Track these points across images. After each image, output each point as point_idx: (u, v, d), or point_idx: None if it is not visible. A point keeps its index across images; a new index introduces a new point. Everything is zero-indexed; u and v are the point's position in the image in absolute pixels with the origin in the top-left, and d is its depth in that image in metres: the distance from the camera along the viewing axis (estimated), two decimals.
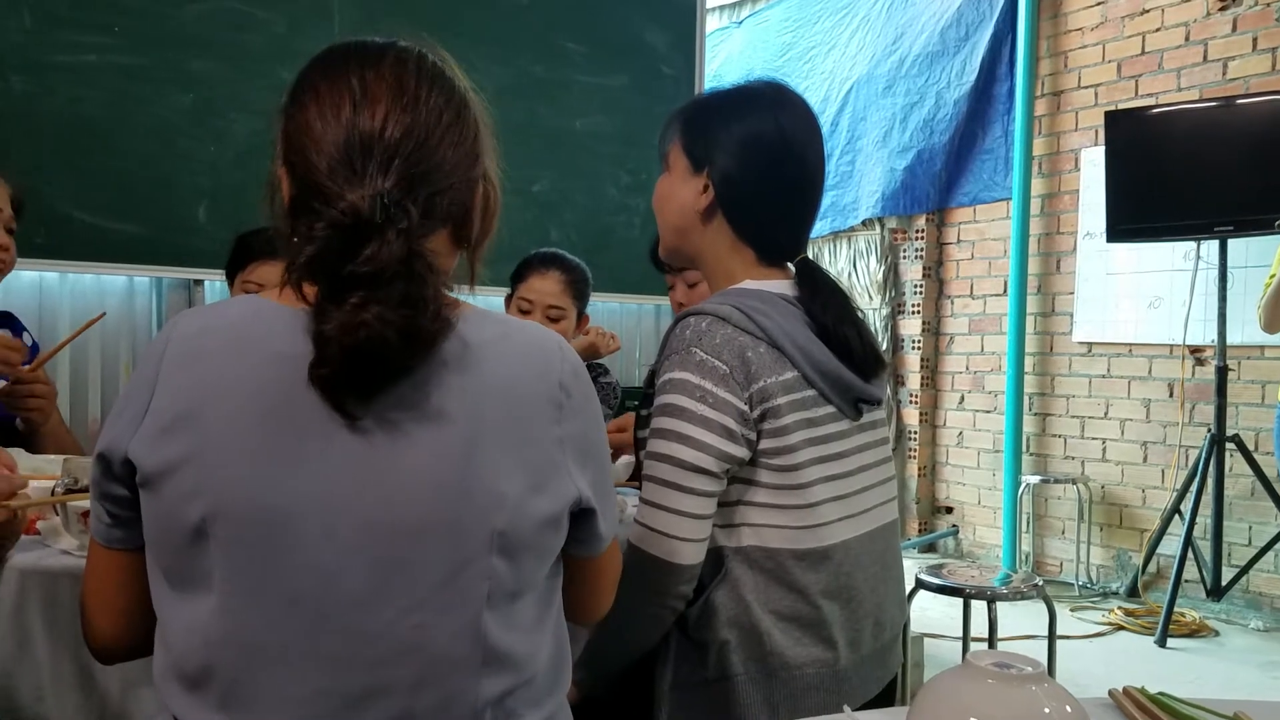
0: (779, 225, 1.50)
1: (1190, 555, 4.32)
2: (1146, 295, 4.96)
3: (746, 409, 1.36)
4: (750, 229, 1.48)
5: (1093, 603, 4.89)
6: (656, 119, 1.64)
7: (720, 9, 7.02)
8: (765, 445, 1.37)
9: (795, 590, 1.38)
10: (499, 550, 0.94)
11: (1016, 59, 5.42)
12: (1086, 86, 5.25)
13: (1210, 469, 4.28)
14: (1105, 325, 5.14)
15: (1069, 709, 0.84)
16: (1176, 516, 4.52)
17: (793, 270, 1.51)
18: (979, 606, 2.90)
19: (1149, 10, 4.97)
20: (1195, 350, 4.75)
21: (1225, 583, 4.41)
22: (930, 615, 4.25)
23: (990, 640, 2.80)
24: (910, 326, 5.97)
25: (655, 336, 4.38)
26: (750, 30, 6.87)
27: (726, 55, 6.90)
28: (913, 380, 5.95)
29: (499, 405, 0.95)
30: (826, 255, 6.28)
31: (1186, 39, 4.83)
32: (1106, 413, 5.15)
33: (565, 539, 1.03)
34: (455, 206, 0.99)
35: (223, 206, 3.18)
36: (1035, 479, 5.33)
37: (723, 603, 1.38)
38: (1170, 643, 4.20)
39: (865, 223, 6.05)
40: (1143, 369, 5.00)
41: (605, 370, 2.73)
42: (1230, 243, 4.30)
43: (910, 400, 5.96)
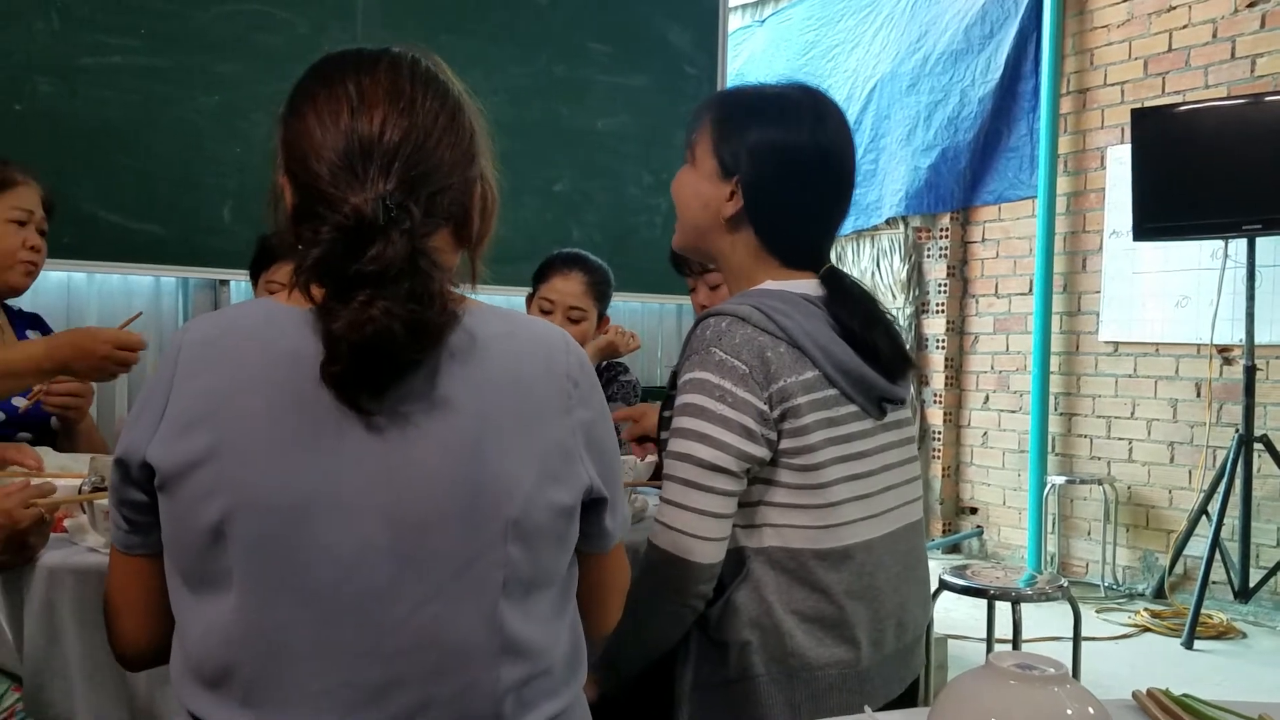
0: (807, 236, 1.50)
1: (1217, 556, 4.29)
2: (1173, 294, 4.91)
3: (766, 408, 1.35)
4: (778, 240, 1.48)
5: (1118, 604, 4.86)
6: (679, 119, 1.64)
7: (743, 8, 7.00)
8: (786, 445, 1.37)
9: (818, 590, 1.38)
10: (514, 539, 0.95)
11: (1042, 56, 5.38)
12: (1113, 84, 5.22)
13: (1238, 469, 4.25)
14: (1132, 324, 5.10)
15: (1092, 711, 0.83)
16: (1204, 517, 4.49)
17: (815, 273, 1.51)
18: (1003, 608, 2.89)
19: (1176, 7, 4.93)
20: (1223, 349, 4.71)
21: (1253, 584, 4.39)
22: (954, 617, 4.23)
23: (1014, 642, 2.79)
24: (934, 326, 5.95)
25: (677, 336, 4.38)
26: (773, 29, 6.86)
27: (749, 54, 6.89)
28: (937, 380, 5.92)
29: (508, 397, 0.97)
30: (849, 254, 6.26)
31: (1214, 36, 4.79)
32: (1133, 413, 5.11)
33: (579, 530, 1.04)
34: (455, 206, 1.01)
35: (247, 207, 3.20)
36: (1061, 479, 5.30)
37: (744, 603, 1.38)
38: (1197, 645, 4.17)
39: (889, 221, 6.02)
40: (1170, 368, 4.96)
41: (625, 369, 2.73)
42: (1259, 241, 4.26)
43: (934, 400, 5.93)
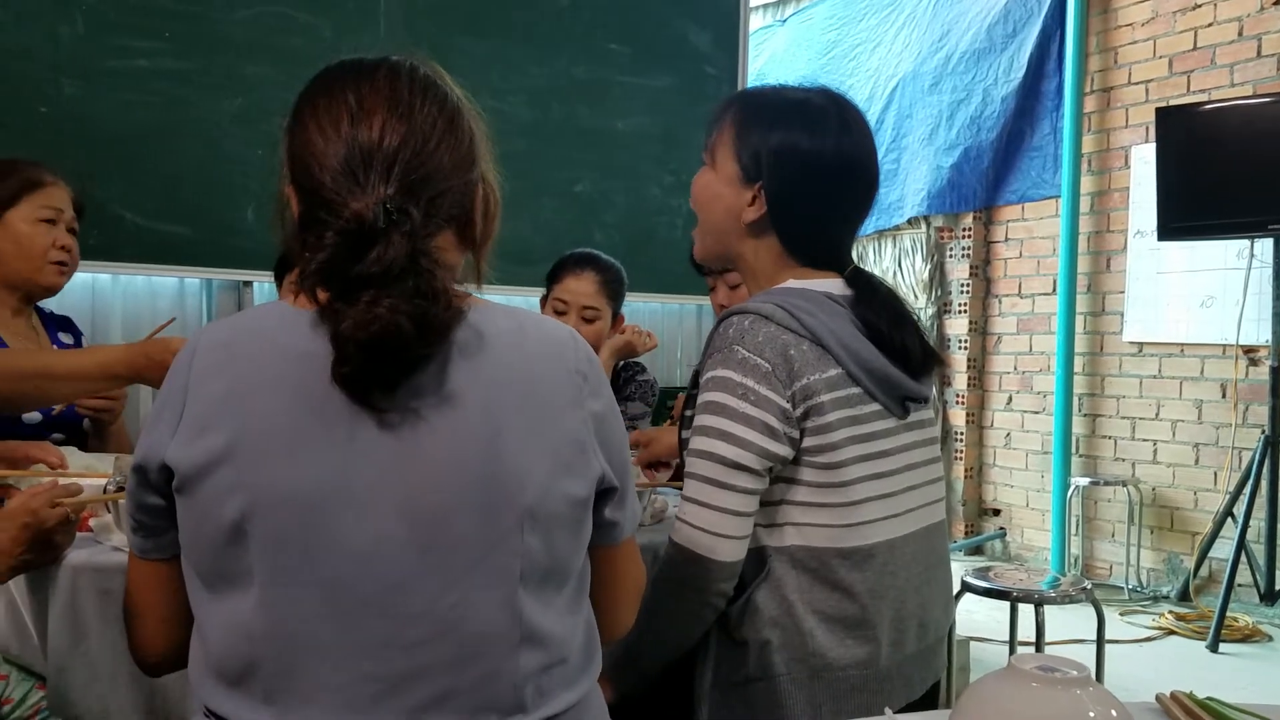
0: (830, 240, 1.50)
1: (1243, 559, 4.26)
2: (1198, 294, 4.87)
3: (789, 406, 1.35)
4: (801, 244, 1.48)
5: (1143, 607, 4.82)
6: (699, 119, 1.63)
7: (764, 7, 6.99)
8: (808, 443, 1.37)
9: (839, 590, 1.38)
10: (530, 529, 0.96)
11: (1065, 55, 5.35)
12: (1137, 82, 5.18)
13: (1264, 471, 4.21)
14: (1156, 325, 5.06)
15: (1114, 713, 0.83)
16: (1229, 519, 4.45)
17: (838, 273, 1.50)
18: (1026, 610, 2.87)
19: (1201, 5, 4.89)
20: (1249, 350, 4.66)
21: (1279, 587, 4.33)
22: (977, 619, 4.21)
23: (1037, 644, 2.77)
24: (957, 326, 5.92)
25: (696, 336, 4.38)
26: (794, 28, 6.84)
27: (770, 54, 6.87)
28: (959, 381, 5.89)
29: (519, 391, 0.98)
30: (871, 254, 6.23)
31: (1240, 34, 4.74)
32: (1158, 414, 5.07)
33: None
34: (456, 209, 1.02)
35: (270, 208, 3.20)
36: (1085, 481, 5.26)
37: (765, 602, 1.38)
38: (1222, 648, 4.13)
39: (910, 221, 6.00)
40: (1195, 369, 4.92)
41: (643, 368, 2.72)
42: None
43: (957, 401, 5.90)
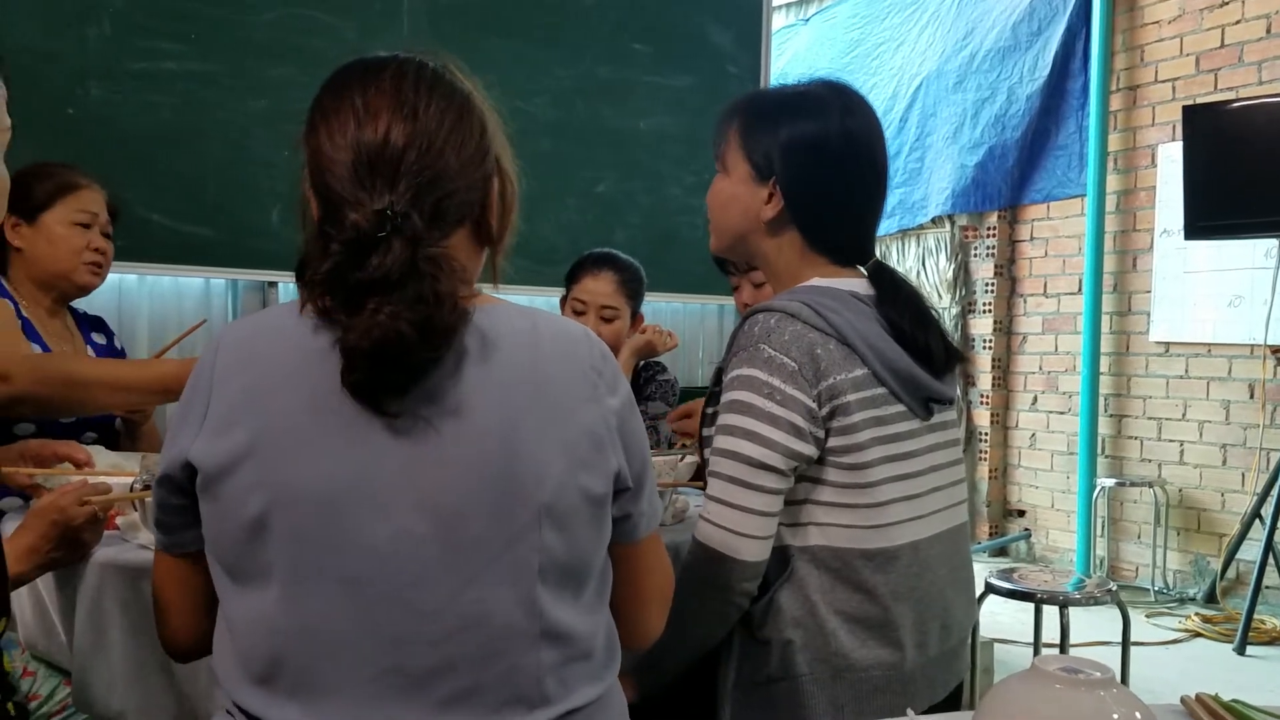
0: (851, 229, 1.49)
1: (1271, 561, 4.21)
2: (1226, 294, 4.82)
3: (815, 406, 1.35)
4: (823, 236, 1.48)
5: (1169, 609, 4.78)
6: None
7: (786, 6, 6.97)
8: (833, 443, 1.36)
9: (863, 590, 1.37)
10: (548, 525, 0.96)
11: (1091, 53, 5.31)
12: (1164, 81, 5.13)
13: None
14: (1183, 324, 5.01)
15: (1138, 715, 0.82)
16: (1257, 521, 4.40)
17: (863, 270, 1.50)
18: (1051, 612, 2.85)
19: (1228, 2, 4.84)
20: (1276, 350, 4.62)
21: None
22: (1002, 620, 4.19)
23: (1062, 646, 2.75)
24: (981, 326, 5.88)
25: (718, 336, 4.37)
26: (817, 27, 6.82)
27: (793, 53, 6.85)
28: (984, 381, 5.86)
29: (532, 388, 0.98)
30: (895, 253, 6.21)
31: (1268, 31, 4.70)
32: (1184, 414, 5.03)
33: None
34: (468, 206, 1.02)
35: (295, 209, 3.22)
36: (1110, 482, 5.22)
37: (788, 602, 1.38)
38: (1249, 650, 4.10)
39: (935, 220, 5.96)
40: (1222, 369, 4.87)
41: (663, 368, 2.72)
42: None
43: (981, 401, 5.87)
